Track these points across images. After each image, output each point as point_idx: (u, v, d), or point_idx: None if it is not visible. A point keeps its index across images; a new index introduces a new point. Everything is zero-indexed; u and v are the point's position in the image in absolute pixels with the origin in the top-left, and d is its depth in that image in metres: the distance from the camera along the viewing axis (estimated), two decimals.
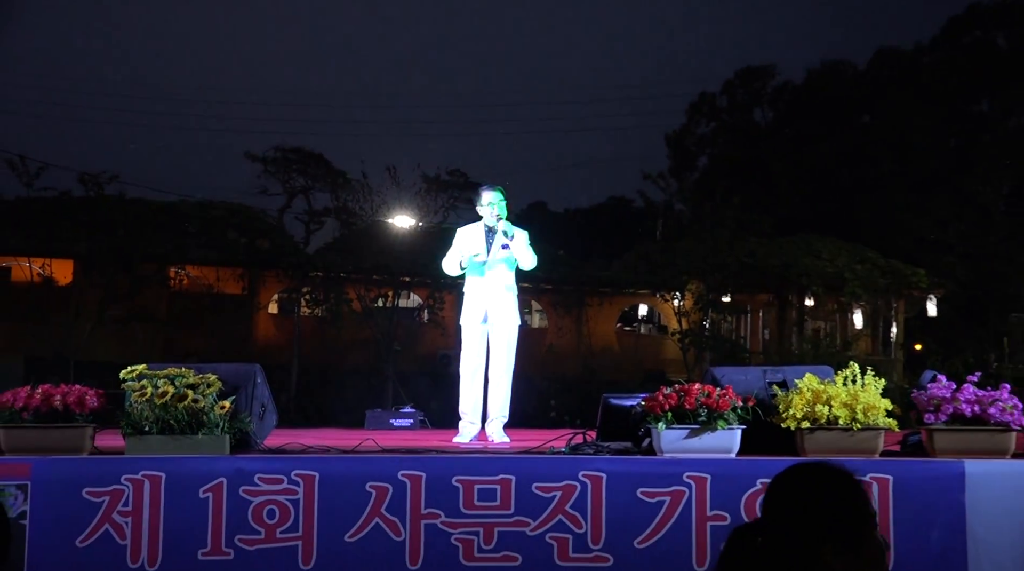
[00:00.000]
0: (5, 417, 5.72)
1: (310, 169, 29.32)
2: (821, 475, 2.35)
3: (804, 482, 2.35)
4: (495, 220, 7.97)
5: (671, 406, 5.75)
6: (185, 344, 22.21)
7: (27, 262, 22.77)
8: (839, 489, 2.32)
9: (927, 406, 5.86)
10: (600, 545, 5.43)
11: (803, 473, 2.38)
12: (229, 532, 5.38)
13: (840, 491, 2.32)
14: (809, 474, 2.36)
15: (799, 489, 2.34)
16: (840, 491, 2.32)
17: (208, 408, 5.71)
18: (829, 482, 2.33)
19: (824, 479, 2.33)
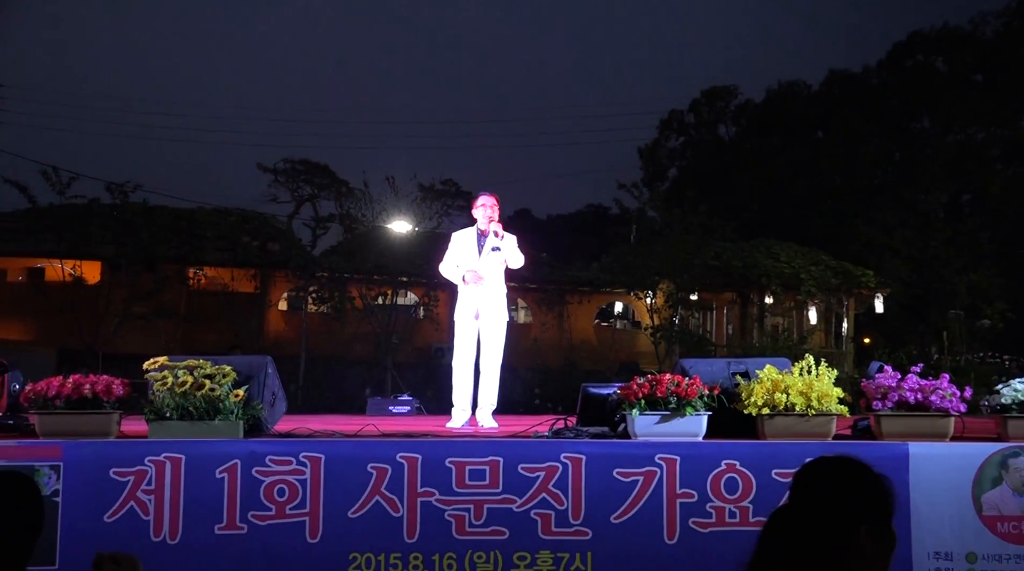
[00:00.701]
0: (39, 404, 5.71)
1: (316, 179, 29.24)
2: (848, 465, 2.36)
3: (836, 471, 2.34)
4: (488, 223, 7.98)
5: (644, 394, 5.76)
6: (203, 338, 22.14)
7: (59, 263, 22.67)
8: (868, 477, 2.34)
9: (875, 394, 5.88)
10: (580, 520, 5.44)
11: (832, 463, 2.37)
12: (243, 509, 5.37)
13: (869, 479, 2.34)
14: (838, 464, 2.36)
15: (832, 477, 2.33)
16: (869, 479, 2.34)
17: (224, 396, 5.70)
18: (858, 471, 2.35)
19: (853, 468, 2.35)
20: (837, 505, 2.26)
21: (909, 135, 36.44)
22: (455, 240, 8.19)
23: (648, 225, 26.73)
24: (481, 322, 7.95)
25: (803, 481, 2.35)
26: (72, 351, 20.43)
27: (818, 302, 25.83)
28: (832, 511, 2.25)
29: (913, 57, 39.03)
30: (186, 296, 23.94)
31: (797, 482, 2.36)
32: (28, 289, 23.88)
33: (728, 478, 5.51)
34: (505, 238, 7.96)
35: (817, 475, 2.35)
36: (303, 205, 28.94)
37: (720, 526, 5.47)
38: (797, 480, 2.36)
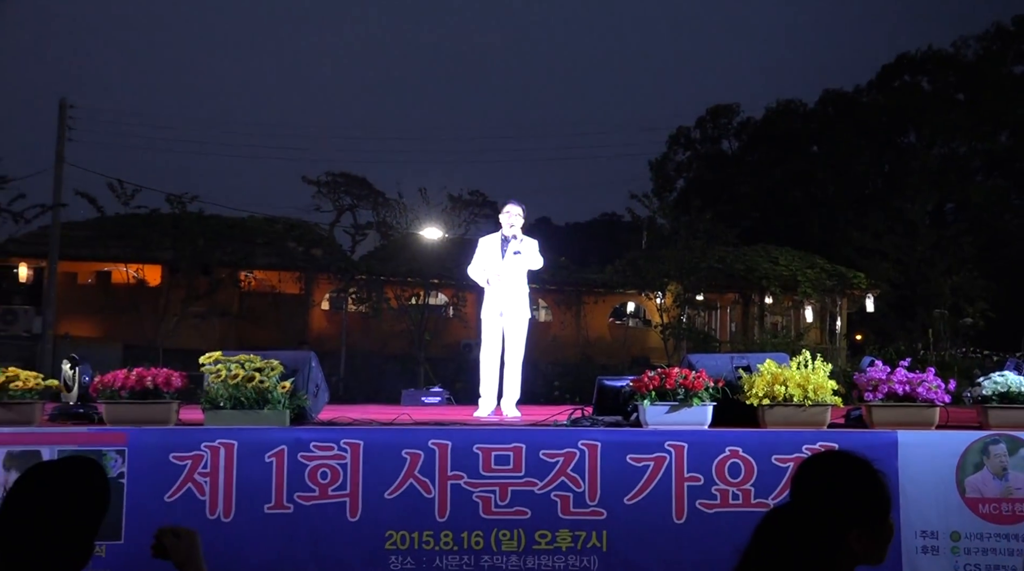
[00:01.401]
0: (107, 394, 5.74)
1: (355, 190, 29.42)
2: (848, 465, 2.25)
3: (833, 471, 2.24)
4: (511, 229, 7.96)
5: (655, 386, 5.74)
6: (253, 335, 22.24)
7: (124, 267, 22.87)
8: (865, 479, 2.24)
9: (866, 386, 5.84)
10: (596, 501, 5.42)
11: (831, 462, 2.28)
12: (289, 490, 5.39)
13: (866, 481, 2.24)
14: (837, 464, 2.26)
15: (828, 478, 2.22)
16: (866, 481, 2.24)
17: (272, 387, 5.71)
18: (856, 473, 2.24)
19: (851, 469, 2.24)
20: (830, 508, 2.16)
21: (897, 149, 36.25)
22: (481, 244, 8.19)
23: (657, 232, 26.67)
24: (505, 320, 7.94)
25: (803, 478, 2.26)
26: (136, 346, 20.56)
27: (814, 302, 25.72)
28: (824, 513, 2.15)
29: (900, 77, 38.85)
30: (238, 297, 24.08)
31: (798, 479, 2.27)
32: (97, 290, 24.10)
33: (732, 463, 5.48)
34: (526, 242, 7.94)
35: (816, 474, 2.25)
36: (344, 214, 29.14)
37: (724, 507, 5.44)
38: (798, 477, 2.27)
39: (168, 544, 2.32)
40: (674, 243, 24.20)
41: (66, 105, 21.73)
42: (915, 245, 23.96)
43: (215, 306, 21.38)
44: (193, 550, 2.32)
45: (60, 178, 21.18)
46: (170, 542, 2.32)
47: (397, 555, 5.36)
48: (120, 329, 22.07)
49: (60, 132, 21.50)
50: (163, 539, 2.33)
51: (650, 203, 26.77)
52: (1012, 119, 34.48)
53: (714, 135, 43.50)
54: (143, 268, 22.72)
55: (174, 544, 2.32)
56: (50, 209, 20.73)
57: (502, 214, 8.10)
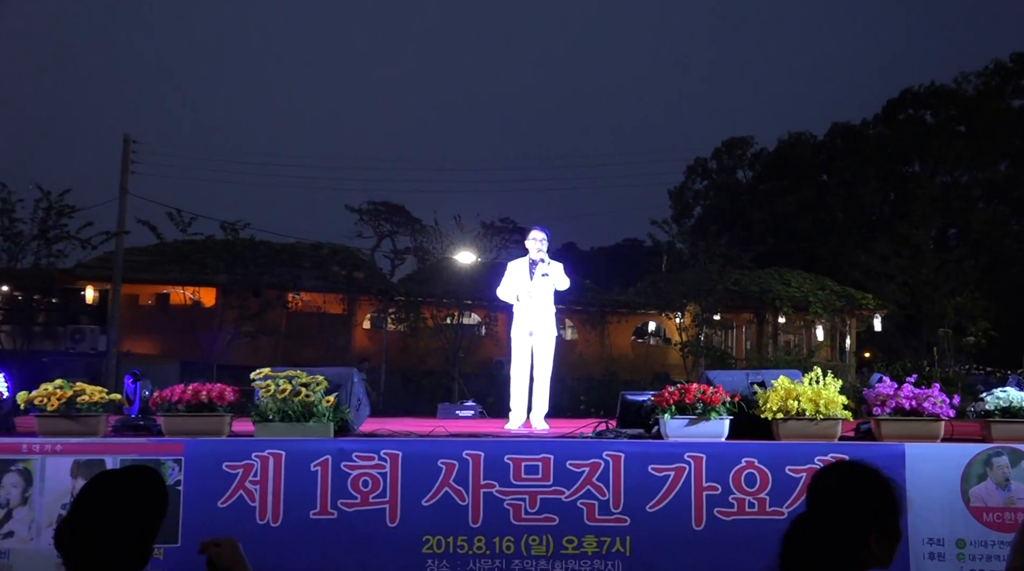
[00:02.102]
0: (165, 408, 5.78)
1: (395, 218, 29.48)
2: (862, 474, 2.27)
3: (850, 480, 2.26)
4: (538, 253, 7.96)
5: (675, 401, 5.72)
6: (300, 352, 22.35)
7: (182, 289, 23.08)
8: (880, 486, 2.26)
9: (875, 401, 5.80)
10: (620, 509, 5.40)
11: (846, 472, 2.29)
12: (333, 497, 5.40)
13: (881, 488, 2.26)
14: (852, 473, 2.28)
15: (847, 486, 2.25)
16: (881, 488, 2.26)
17: (317, 401, 5.73)
18: (871, 480, 2.27)
19: (866, 478, 2.27)
20: (851, 516, 2.19)
21: (902, 178, 36.03)
22: (510, 268, 8.18)
23: (676, 255, 26.62)
24: (534, 338, 7.92)
25: (819, 489, 2.27)
26: (192, 363, 20.69)
27: (824, 321, 25.55)
28: (846, 521, 2.18)
29: (905, 111, 38.67)
30: (286, 317, 24.19)
31: (815, 488, 2.28)
32: (156, 311, 24.33)
33: (748, 473, 5.44)
34: (552, 265, 7.93)
35: (832, 484, 2.27)
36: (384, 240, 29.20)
37: (741, 515, 5.40)
38: (814, 486, 2.29)
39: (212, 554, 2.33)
40: (692, 266, 24.14)
41: (129, 140, 21.99)
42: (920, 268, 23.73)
43: (265, 325, 21.48)
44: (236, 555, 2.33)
45: (124, 208, 21.40)
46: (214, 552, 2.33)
47: (433, 559, 5.35)
48: (177, 347, 22.24)
49: (124, 165, 21.75)
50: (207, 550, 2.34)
51: (669, 229, 26.75)
52: (1011, 149, 34.25)
53: (729, 165, 43.42)
54: (199, 290, 22.92)
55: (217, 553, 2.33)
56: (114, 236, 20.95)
57: (528, 240, 8.09)
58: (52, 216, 18.77)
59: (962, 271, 24.11)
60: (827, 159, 38.45)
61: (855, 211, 34.93)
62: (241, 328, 21.02)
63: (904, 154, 36.54)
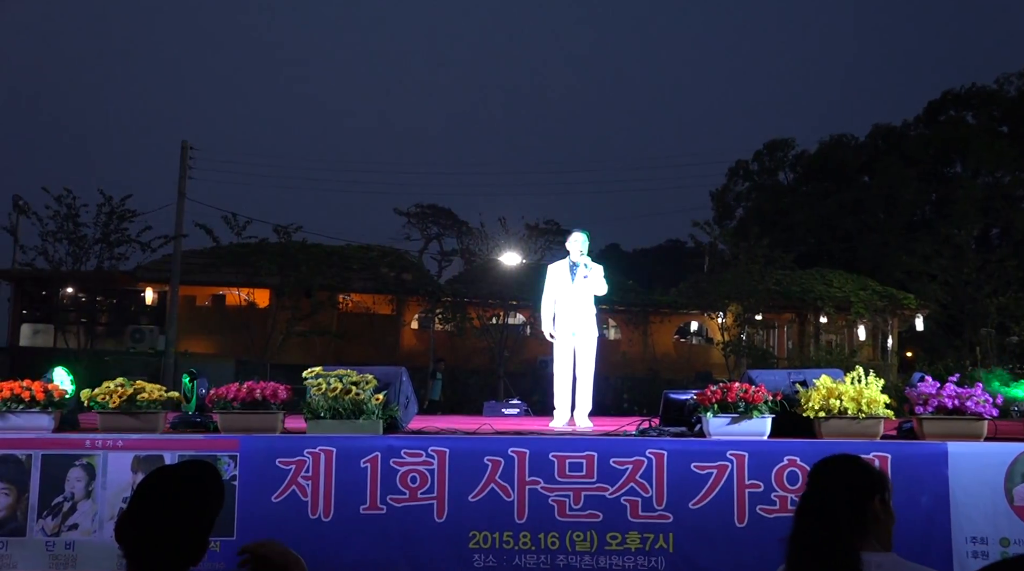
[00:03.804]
0: (221, 405, 5.85)
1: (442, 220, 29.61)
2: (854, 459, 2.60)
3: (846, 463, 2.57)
4: (579, 255, 7.94)
5: (717, 399, 5.67)
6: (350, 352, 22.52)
7: (237, 291, 23.32)
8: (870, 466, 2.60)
9: (917, 400, 5.71)
10: (663, 506, 5.37)
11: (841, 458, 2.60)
12: (383, 492, 5.42)
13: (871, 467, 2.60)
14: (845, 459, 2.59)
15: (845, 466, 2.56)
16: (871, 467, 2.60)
17: (367, 399, 5.76)
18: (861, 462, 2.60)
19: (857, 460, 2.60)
20: (855, 483, 2.48)
21: (943, 179, 35.47)
22: (551, 272, 8.16)
23: (719, 257, 26.43)
24: (577, 339, 7.91)
25: (822, 472, 2.56)
26: (246, 362, 20.92)
27: (866, 321, 25.21)
28: (852, 488, 2.46)
29: (946, 112, 38.07)
30: (336, 317, 24.38)
31: (817, 473, 2.57)
32: (212, 312, 24.63)
33: (790, 471, 5.38)
34: (593, 268, 7.90)
35: (831, 467, 2.57)
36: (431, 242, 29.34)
37: (783, 512, 5.34)
38: (816, 472, 2.58)
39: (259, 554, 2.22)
40: (734, 267, 23.93)
41: (187, 146, 22.29)
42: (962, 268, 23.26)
43: (316, 326, 21.65)
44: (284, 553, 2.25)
45: (181, 212, 21.69)
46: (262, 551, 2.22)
47: (480, 554, 5.35)
48: (233, 346, 22.49)
49: (182, 170, 22.05)
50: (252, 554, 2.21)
51: (711, 230, 26.52)
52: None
53: (771, 167, 42.99)
54: (253, 292, 23.14)
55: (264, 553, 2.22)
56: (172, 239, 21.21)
57: (569, 242, 8.08)
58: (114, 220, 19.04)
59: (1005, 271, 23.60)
60: (868, 160, 37.93)
61: (897, 212, 34.44)
62: (294, 328, 21.20)
63: (945, 155, 35.94)
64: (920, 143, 36.47)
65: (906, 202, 34.16)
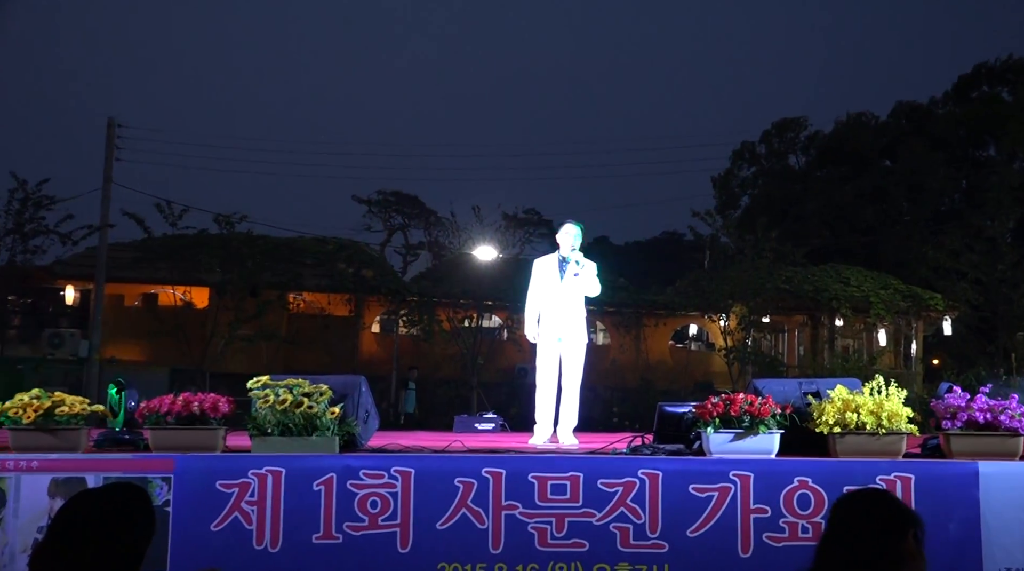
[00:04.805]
0: (153, 420, 5.81)
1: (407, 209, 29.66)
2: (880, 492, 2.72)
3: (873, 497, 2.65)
4: (570, 250, 7.95)
5: (718, 413, 5.70)
6: (301, 359, 22.46)
7: (171, 289, 23.18)
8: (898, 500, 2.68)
9: (944, 414, 5.75)
10: (657, 534, 5.38)
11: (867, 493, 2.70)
12: (338, 519, 5.40)
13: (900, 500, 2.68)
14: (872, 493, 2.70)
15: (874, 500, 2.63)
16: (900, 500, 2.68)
17: (321, 413, 5.75)
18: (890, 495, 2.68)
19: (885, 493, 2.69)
20: (886, 518, 2.53)
21: (975, 163, 35.73)
22: (537, 267, 8.17)
23: (721, 251, 26.54)
24: (563, 344, 7.92)
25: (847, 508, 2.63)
26: (182, 370, 20.82)
27: (887, 324, 25.38)
28: (884, 523, 2.52)
29: (978, 88, 38.37)
30: (286, 319, 24.29)
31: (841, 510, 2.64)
32: (143, 313, 24.44)
33: (801, 494, 5.41)
34: (585, 265, 7.92)
35: (858, 501, 2.64)
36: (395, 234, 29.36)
37: (793, 541, 5.36)
38: (841, 508, 2.64)
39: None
40: (739, 263, 24.05)
41: (114, 124, 22.15)
42: (996, 264, 23.47)
43: (263, 329, 21.57)
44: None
45: (108, 199, 21.56)
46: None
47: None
48: (167, 353, 22.35)
49: (108, 152, 21.90)
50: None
51: (713, 221, 26.64)
52: None
53: (780, 150, 43.20)
54: (190, 290, 23.01)
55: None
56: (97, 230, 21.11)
57: (560, 234, 8.10)
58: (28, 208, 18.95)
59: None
60: (891, 143, 38.19)
61: (922, 201, 34.69)
62: (237, 332, 21.11)
63: (978, 136, 36.23)
64: (949, 123, 36.74)
65: (933, 190, 34.40)
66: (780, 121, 42.93)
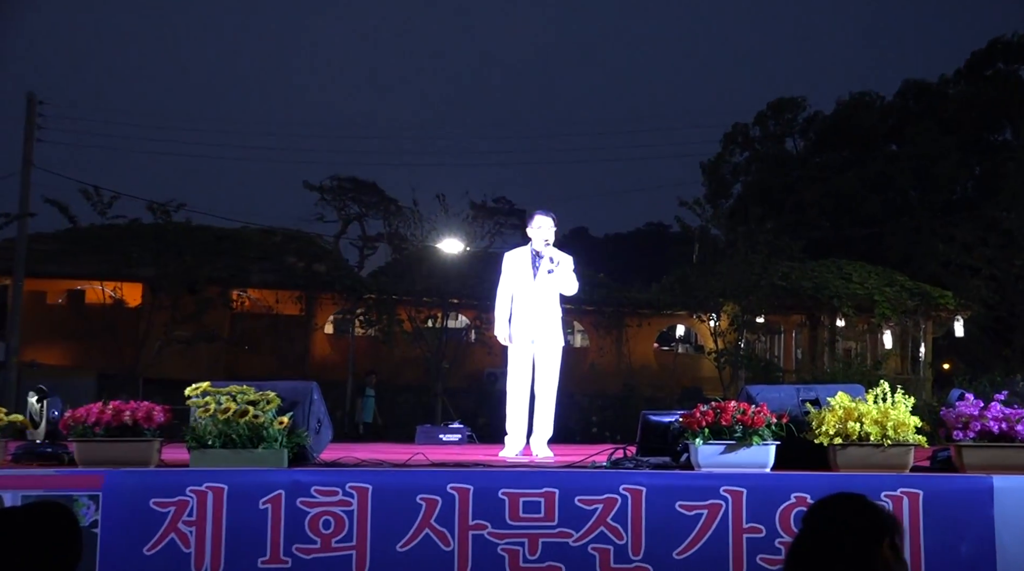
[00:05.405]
0: (79, 431, 5.77)
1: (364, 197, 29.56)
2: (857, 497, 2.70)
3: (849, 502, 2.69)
4: (543, 244, 7.94)
5: (708, 422, 5.72)
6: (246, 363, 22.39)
7: (100, 285, 23.05)
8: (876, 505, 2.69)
9: (955, 423, 5.78)
10: (640, 556, 5.39)
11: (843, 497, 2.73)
12: (287, 541, 5.38)
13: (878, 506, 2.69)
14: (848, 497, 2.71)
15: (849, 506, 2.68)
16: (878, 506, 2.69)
17: (267, 423, 5.73)
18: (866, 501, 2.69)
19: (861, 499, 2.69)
20: (861, 525, 2.58)
21: (990, 148, 35.99)
22: (508, 262, 8.16)
23: (711, 244, 26.66)
24: (536, 347, 7.93)
25: (819, 515, 2.69)
26: (112, 376, 20.70)
27: (893, 325, 25.56)
28: (858, 531, 2.57)
29: (994, 65, 38.62)
30: (229, 319, 24.20)
31: (813, 517, 2.71)
32: (67, 312, 24.28)
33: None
34: (560, 261, 7.91)
35: (830, 508, 2.70)
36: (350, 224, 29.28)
37: None
38: (812, 516, 2.72)
39: None
40: (730, 257, 24.16)
41: (35, 101, 21.95)
42: (1013, 259, 23.71)
43: (203, 330, 21.48)
44: None
45: (28, 184, 21.37)
46: None
47: None
48: (94, 356, 22.22)
49: (28, 132, 21.70)
50: None
51: (702, 211, 26.76)
52: None
53: (776, 133, 43.43)
54: (121, 286, 22.88)
55: None
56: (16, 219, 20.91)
57: (531, 228, 8.09)
58: None
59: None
60: (897, 125, 38.45)
61: (931, 189, 34.92)
62: (173, 333, 21.00)
63: (993, 118, 36.50)
64: (961, 104, 37.00)
65: (943, 177, 34.63)
66: (776, 101, 43.12)
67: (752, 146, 43.72)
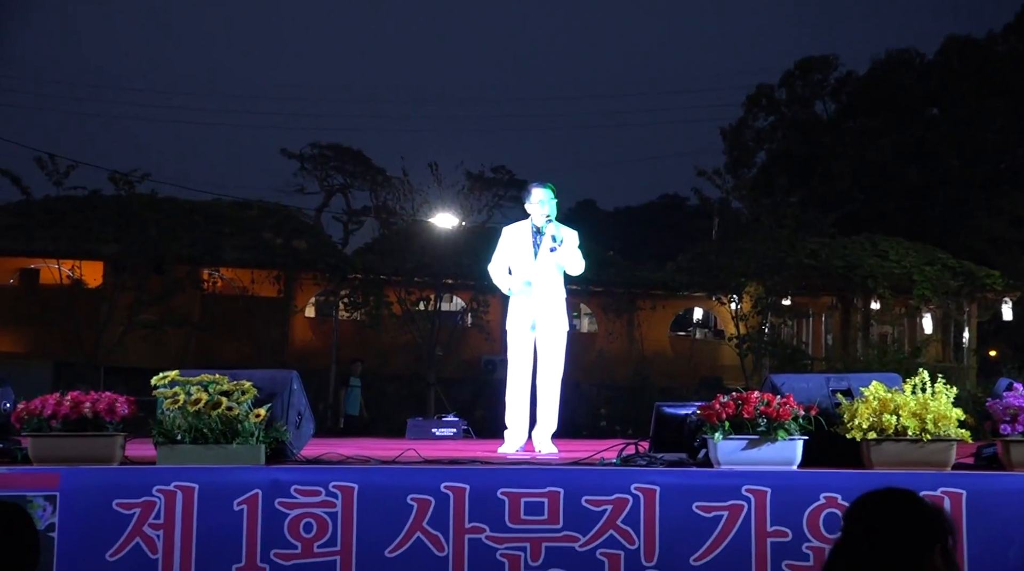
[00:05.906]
0: (33, 425, 5.76)
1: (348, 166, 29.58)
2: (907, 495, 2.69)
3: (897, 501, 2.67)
4: (544, 220, 7.91)
5: (728, 415, 5.71)
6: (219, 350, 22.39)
7: (56, 264, 23.00)
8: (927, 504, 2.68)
9: (1003, 416, 5.78)
10: (654, 562, 5.40)
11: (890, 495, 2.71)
12: (264, 546, 5.39)
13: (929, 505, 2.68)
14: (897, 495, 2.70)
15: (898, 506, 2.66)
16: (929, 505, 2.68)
17: (243, 416, 5.72)
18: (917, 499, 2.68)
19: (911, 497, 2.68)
20: (910, 529, 2.56)
21: None
22: (506, 236, 8.13)
23: (732, 218, 26.62)
24: (538, 332, 7.92)
25: (862, 514, 2.66)
26: (70, 364, 20.71)
27: (934, 308, 25.57)
28: (907, 535, 2.55)
29: None
30: (200, 301, 24.19)
31: (856, 516, 2.67)
32: (21, 293, 24.30)
33: (828, 514, 5.44)
34: (564, 239, 7.87)
35: (877, 507, 2.67)
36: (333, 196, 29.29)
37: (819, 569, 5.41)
38: (855, 514, 2.67)
39: None
40: (753, 233, 24.14)
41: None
42: None
43: (170, 313, 21.47)
44: None
45: None
46: None
47: None
48: (50, 342, 22.23)
49: None
50: None
51: (722, 182, 26.71)
52: None
53: (805, 95, 43.32)
54: (80, 265, 22.84)
55: None
56: None
57: (529, 202, 8.05)
58: None
59: None
60: (939, 87, 38.39)
61: (977, 157, 34.91)
62: (138, 316, 21.01)
63: None
64: (1010, 63, 36.92)
65: (990, 144, 34.61)
66: (804, 60, 43.01)
67: (778, 110, 43.62)
